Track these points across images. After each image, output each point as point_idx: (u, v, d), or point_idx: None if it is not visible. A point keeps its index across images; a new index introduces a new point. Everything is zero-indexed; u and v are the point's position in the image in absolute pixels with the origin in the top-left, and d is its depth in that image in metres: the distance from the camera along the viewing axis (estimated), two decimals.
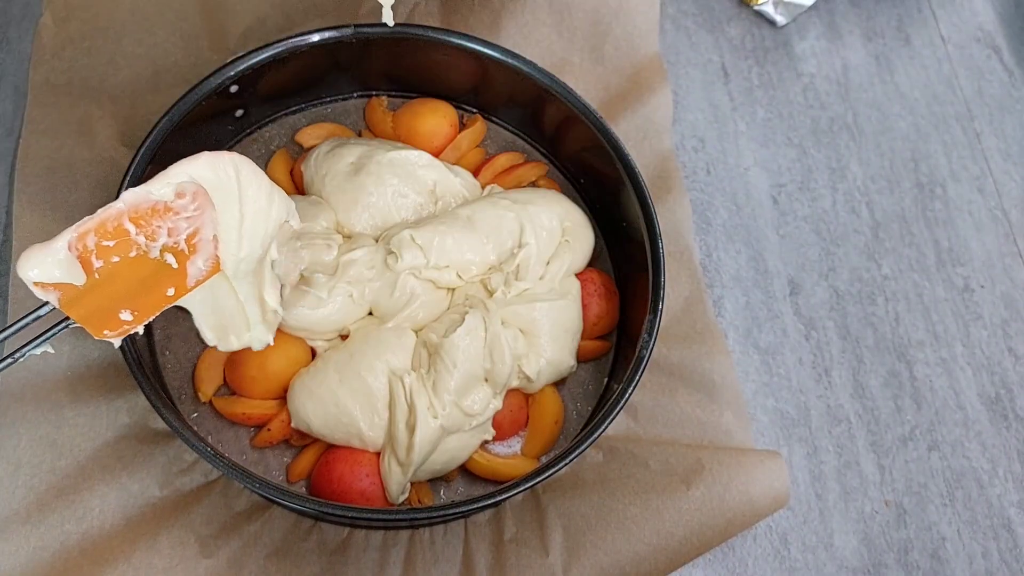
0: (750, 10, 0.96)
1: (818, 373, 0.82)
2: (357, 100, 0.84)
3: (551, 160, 0.84)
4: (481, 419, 0.69)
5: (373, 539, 0.70)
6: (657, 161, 0.85)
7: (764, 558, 0.75)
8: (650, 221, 0.72)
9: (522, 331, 0.72)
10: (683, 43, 0.94)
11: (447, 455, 0.69)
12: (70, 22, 0.81)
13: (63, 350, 0.71)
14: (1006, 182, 0.92)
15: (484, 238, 0.73)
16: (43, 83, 0.79)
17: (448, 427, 0.68)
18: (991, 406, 0.82)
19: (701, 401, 0.76)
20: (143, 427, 0.70)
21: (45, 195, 0.75)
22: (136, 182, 0.67)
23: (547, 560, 0.69)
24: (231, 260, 0.60)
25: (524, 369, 0.71)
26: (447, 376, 0.68)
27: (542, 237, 0.74)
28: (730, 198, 0.88)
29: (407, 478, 0.68)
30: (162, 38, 0.83)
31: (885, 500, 0.78)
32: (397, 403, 0.68)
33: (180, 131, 0.71)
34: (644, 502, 0.70)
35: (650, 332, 0.68)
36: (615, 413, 0.66)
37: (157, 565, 0.66)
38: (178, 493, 0.69)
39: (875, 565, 0.75)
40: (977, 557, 0.76)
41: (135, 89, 0.81)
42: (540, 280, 0.74)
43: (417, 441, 0.66)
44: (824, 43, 0.96)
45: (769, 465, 0.72)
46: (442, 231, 0.72)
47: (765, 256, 0.86)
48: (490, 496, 0.63)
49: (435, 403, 0.68)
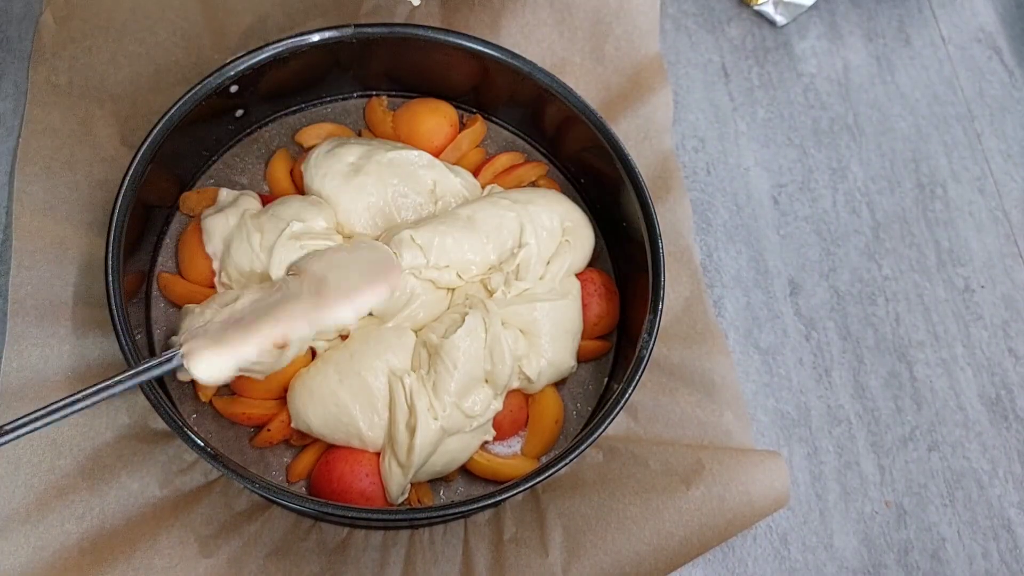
0: (750, 10, 0.96)
1: (818, 373, 0.82)
2: (357, 100, 0.84)
3: (551, 160, 0.84)
4: (481, 420, 0.69)
5: (373, 539, 0.70)
6: (657, 161, 0.85)
7: (764, 558, 0.75)
8: (650, 221, 0.72)
9: (522, 331, 0.72)
10: (683, 43, 0.94)
11: (448, 456, 0.69)
12: (71, 21, 0.81)
13: (63, 350, 0.71)
14: (1007, 183, 0.92)
15: (484, 238, 0.73)
16: (43, 82, 0.79)
17: (448, 428, 0.68)
18: (991, 407, 0.82)
19: (701, 401, 0.76)
20: (143, 427, 0.70)
21: (45, 195, 0.75)
22: (136, 182, 0.68)
23: (547, 560, 0.69)
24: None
25: (524, 370, 0.71)
26: (447, 377, 0.68)
27: (542, 237, 0.74)
28: (730, 198, 0.88)
29: (407, 479, 0.68)
30: (163, 37, 0.83)
31: (885, 500, 0.78)
32: (397, 404, 0.68)
33: (180, 131, 0.71)
34: (644, 502, 0.70)
35: (650, 332, 0.68)
36: (615, 413, 0.66)
37: (157, 565, 0.66)
38: (178, 493, 0.69)
39: (875, 565, 0.75)
40: (977, 558, 0.76)
41: (135, 88, 0.81)
42: (540, 280, 0.74)
43: (418, 443, 0.66)
44: (824, 43, 0.96)
45: (769, 465, 0.72)
46: (442, 231, 0.72)
47: (765, 256, 0.86)
48: (490, 496, 0.63)
49: (435, 404, 0.68)
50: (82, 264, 0.74)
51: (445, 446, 0.69)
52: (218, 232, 0.72)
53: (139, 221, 0.71)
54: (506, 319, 0.72)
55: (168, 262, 0.76)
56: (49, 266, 0.73)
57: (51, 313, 0.72)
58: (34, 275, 0.72)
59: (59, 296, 0.72)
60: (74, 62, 0.80)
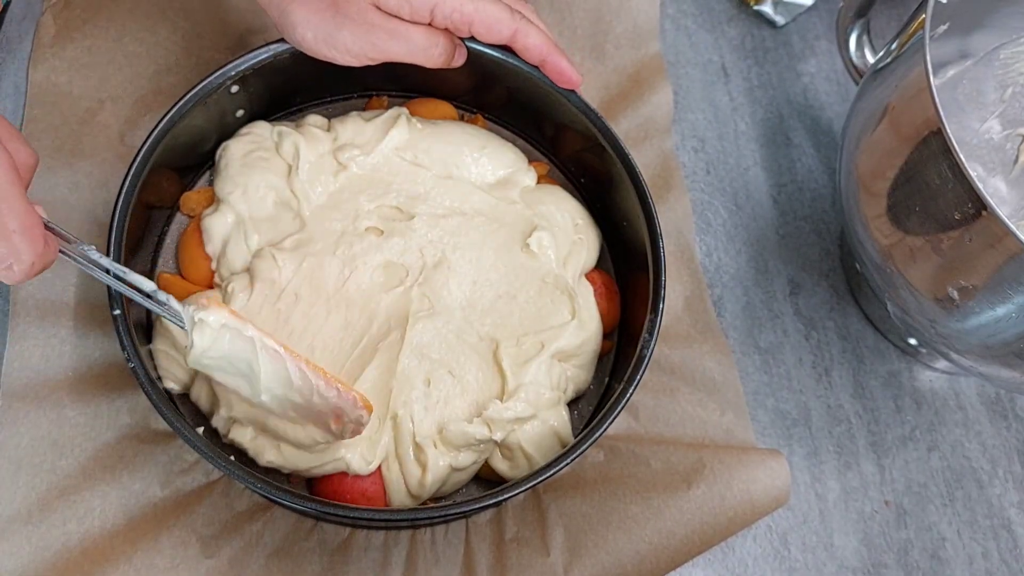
0: (750, 10, 0.96)
1: (818, 373, 0.82)
2: (357, 100, 0.84)
3: (551, 160, 0.84)
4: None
5: (374, 539, 0.70)
6: (658, 160, 0.85)
7: (764, 558, 0.75)
8: (651, 220, 0.72)
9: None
10: (683, 43, 0.94)
11: (457, 480, 0.70)
12: (71, 21, 0.81)
13: (64, 350, 0.71)
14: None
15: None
16: (43, 82, 0.79)
17: (457, 466, 0.69)
18: (991, 406, 0.82)
19: (702, 400, 0.76)
20: (144, 427, 0.70)
21: (45, 195, 0.75)
22: (136, 182, 0.68)
23: (548, 560, 0.69)
24: None
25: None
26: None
27: (558, 236, 0.75)
28: (730, 198, 0.88)
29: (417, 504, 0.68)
30: (163, 37, 0.82)
31: (885, 500, 0.78)
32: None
33: (180, 131, 0.71)
34: (645, 501, 0.70)
35: (651, 331, 0.68)
36: (616, 413, 0.66)
37: (158, 565, 0.66)
38: (179, 493, 0.69)
39: (875, 565, 0.76)
40: (977, 557, 0.77)
41: (135, 88, 0.80)
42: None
43: (429, 480, 0.67)
44: (824, 43, 0.96)
45: (771, 464, 0.72)
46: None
47: (765, 256, 0.86)
48: (491, 496, 0.63)
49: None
50: None
51: (455, 477, 0.69)
52: (218, 232, 0.72)
53: (140, 221, 0.71)
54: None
55: (169, 262, 0.76)
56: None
57: (52, 313, 0.72)
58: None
59: (60, 296, 0.72)
60: (74, 62, 0.80)
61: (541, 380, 0.70)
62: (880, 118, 0.67)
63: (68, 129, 0.78)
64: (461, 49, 0.71)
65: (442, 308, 0.71)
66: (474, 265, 0.73)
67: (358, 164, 0.74)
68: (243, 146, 0.74)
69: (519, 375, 0.69)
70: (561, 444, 0.70)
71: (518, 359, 0.70)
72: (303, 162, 0.72)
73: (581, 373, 0.73)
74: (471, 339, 0.70)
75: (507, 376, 0.69)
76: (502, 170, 0.77)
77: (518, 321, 0.72)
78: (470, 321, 0.71)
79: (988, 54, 0.77)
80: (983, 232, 0.58)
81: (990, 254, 0.58)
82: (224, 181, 0.73)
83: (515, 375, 0.69)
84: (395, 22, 0.66)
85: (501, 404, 0.68)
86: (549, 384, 0.70)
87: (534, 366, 0.70)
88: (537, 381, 0.69)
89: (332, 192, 0.73)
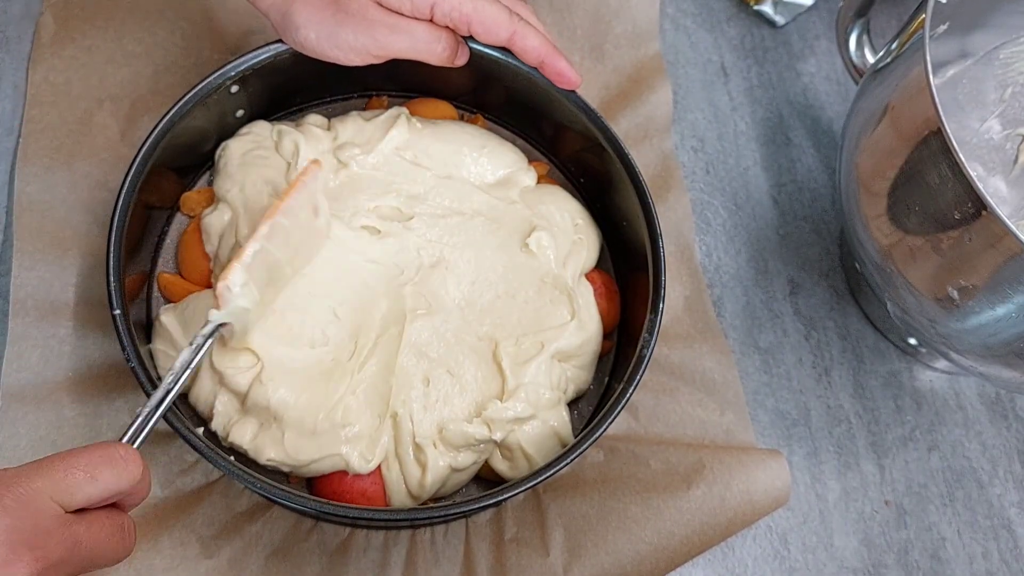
0: (749, 10, 0.96)
1: (818, 373, 0.82)
2: (357, 100, 0.84)
3: (551, 160, 0.84)
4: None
5: (374, 539, 0.70)
6: (657, 160, 0.85)
7: (764, 558, 0.75)
8: (651, 220, 0.72)
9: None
10: (683, 43, 0.94)
11: (456, 480, 0.70)
12: (70, 21, 0.81)
13: (63, 351, 0.71)
14: None
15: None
16: (43, 82, 0.79)
17: (457, 466, 0.68)
18: (991, 406, 0.82)
19: (702, 400, 0.76)
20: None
21: (45, 195, 0.75)
22: (136, 182, 0.68)
23: (548, 560, 0.69)
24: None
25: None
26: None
27: (558, 236, 0.75)
28: (730, 198, 0.88)
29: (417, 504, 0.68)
30: (162, 37, 0.82)
31: (885, 500, 0.78)
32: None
33: (180, 131, 0.71)
34: (645, 501, 0.70)
35: (651, 331, 0.68)
36: (616, 413, 0.66)
37: (158, 565, 0.66)
38: (179, 493, 0.69)
39: (875, 565, 0.76)
40: (977, 557, 0.77)
41: (135, 88, 0.80)
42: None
43: (429, 481, 0.67)
44: (824, 43, 0.96)
45: (771, 464, 0.72)
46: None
47: (765, 256, 0.86)
48: (491, 496, 0.63)
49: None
50: (83, 265, 0.73)
51: (456, 478, 0.69)
52: (216, 231, 0.72)
53: (140, 221, 0.71)
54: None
55: (169, 263, 0.76)
56: (50, 267, 0.73)
57: (52, 314, 0.72)
58: (35, 276, 0.72)
59: (60, 297, 0.72)
60: (73, 62, 0.80)
61: (541, 380, 0.70)
62: (880, 118, 0.67)
63: (67, 129, 0.78)
64: (464, 47, 0.71)
65: (440, 307, 0.71)
66: (473, 265, 0.73)
67: (358, 163, 0.74)
68: (243, 145, 0.74)
69: (519, 375, 0.69)
70: (561, 444, 0.70)
71: (518, 359, 0.70)
72: (302, 159, 0.72)
73: (581, 373, 0.73)
74: (470, 339, 0.70)
75: (507, 376, 0.69)
76: (502, 170, 0.77)
77: (517, 321, 0.72)
78: (469, 321, 0.71)
79: (988, 54, 0.77)
80: (983, 232, 0.58)
81: (990, 254, 0.58)
82: (223, 180, 0.73)
83: (515, 375, 0.69)
84: (396, 17, 0.66)
85: (501, 404, 0.68)
86: (549, 384, 0.70)
87: (534, 366, 0.70)
88: (537, 381, 0.69)
89: (331, 189, 0.73)
